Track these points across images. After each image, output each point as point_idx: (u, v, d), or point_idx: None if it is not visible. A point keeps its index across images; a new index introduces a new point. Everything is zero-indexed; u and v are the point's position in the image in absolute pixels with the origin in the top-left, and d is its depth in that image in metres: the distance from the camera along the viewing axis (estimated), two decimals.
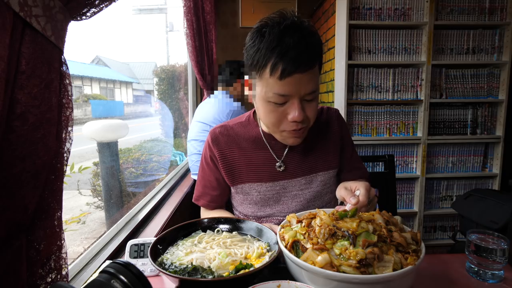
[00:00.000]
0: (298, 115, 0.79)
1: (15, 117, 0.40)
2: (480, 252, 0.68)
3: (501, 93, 2.14)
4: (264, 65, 0.77)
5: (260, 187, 0.96)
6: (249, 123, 1.00)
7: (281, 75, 0.75)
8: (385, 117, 2.17)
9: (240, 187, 0.97)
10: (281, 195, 0.96)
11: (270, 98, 0.79)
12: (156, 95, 3.64)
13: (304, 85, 0.78)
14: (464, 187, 2.25)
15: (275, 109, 0.81)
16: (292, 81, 0.76)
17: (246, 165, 0.96)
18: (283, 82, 0.76)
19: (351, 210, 0.66)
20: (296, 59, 0.74)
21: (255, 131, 0.98)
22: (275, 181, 0.95)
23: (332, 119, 1.02)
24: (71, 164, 1.69)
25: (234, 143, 0.97)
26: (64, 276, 0.51)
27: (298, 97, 0.79)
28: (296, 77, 0.76)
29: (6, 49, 0.37)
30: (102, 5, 0.50)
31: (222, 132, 0.99)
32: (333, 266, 0.54)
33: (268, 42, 0.76)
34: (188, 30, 2.14)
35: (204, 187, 1.02)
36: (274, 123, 0.84)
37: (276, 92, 0.78)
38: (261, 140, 0.97)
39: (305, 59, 0.75)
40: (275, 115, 0.82)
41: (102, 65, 8.92)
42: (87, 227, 2.13)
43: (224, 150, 0.97)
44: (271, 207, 0.97)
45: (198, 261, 0.65)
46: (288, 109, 0.81)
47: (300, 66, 0.75)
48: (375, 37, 2.09)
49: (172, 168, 2.35)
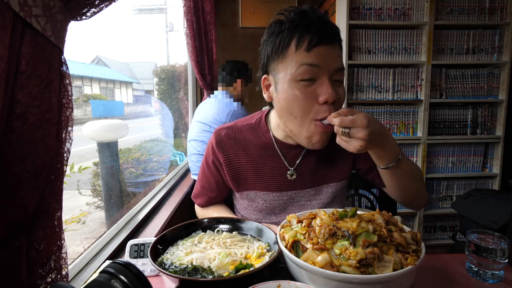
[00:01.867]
0: (332, 93, 0.72)
1: (15, 117, 0.40)
2: (480, 252, 0.68)
3: (501, 93, 2.14)
4: (288, 43, 0.74)
5: (267, 196, 0.91)
6: (260, 127, 0.93)
7: (308, 45, 0.72)
8: (385, 117, 2.17)
9: (246, 193, 0.93)
10: (288, 205, 0.93)
11: (298, 74, 0.74)
12: (156, 95, 3.64)
13: (332, 59, 0.74)
14: (464, 187, 2.25)
15: (303, 91, 0.74)
16: (319, 52, 0.73)
17: (253, 173, 0.91)
18: (311, 54, 0.73)
19: (351, 210, 0.66)
20: (321, 30, 0.73)
21: (265, 136, 0.91)
22: (283, 191, 0.91)
23: None
24: (71, 164, 1.69)
25: (241, 148, 0.91)
26: (64, 276, 0.51)
27: (328, 73, 0.74)
28: (323, 49, 0.73)
29: (6, 49, 0.37)
30: (102, 5, 0.50)
31: (229, 134, 0.93)
32: (333, 266, 0.54)
33: (289, 23, 0.75)
34: (188, 30, 2.14)
35: (203, 188, 1.01)
36: (303, 108, 0.76)
37: (305, 62, 0.73)
38: (272, 147, 0.90)
39: (330, 31, 0.74)
40: (303, 99, 0.75)
41: (102, 65, 8.92)
42: (87, 227, 2.13)
43: (229, 155, 0.91)
44: (277, 215, 0.93)
45: (198, 261, 0.65)
46: (318, 89, 0.74)
47: (327, 37, 0.73)
48: (375, 37, 2.09)
49: (172, 168, 2.35)
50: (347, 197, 1.42)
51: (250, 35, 2.89)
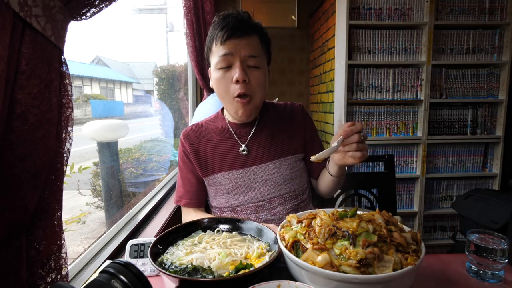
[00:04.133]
0: (240, 74, 0.90)
1: (15, 117, 0.40)
2: (480, 252, 0.68)
3: (501, 93, 2.14)
4: (212, 40, 0.95)
5: (231, 175, 1.01)
6: (217, 118, 1.10)
7: (221, 39, 0.91)
8: (385, 117, 2.17)
9: (212, 177, 1.03)
10: (252, 181, 1.01)
11: (218, 64, 0.92)
12: (156, 95, 3.64)
13: (243, 48, 0.91)
14: (464, 187, 2.25)
15: (223, 75, 0.93)
16: (231, 43, 0.91)
17: (216, 155, 1.03)
18: (224, 46, 0.91)
19: (351, 210, 0.66)
20: (233, 27, 0.91)
21: (222, 123, 1.07)
22: (245, 168, 1.01)
23: (295, 111, 1.11)
24: (71, 164, 1.69)
25: (204, 137, 1.06)
26: (64, 276, 0.51)
27: (239, 58, 0.91)
28: (234, 41, 0.91)
29: (6, 49, 0.37)
30: (102, 5, 0.50)
31: (193, 129, 1.08)
32: (333, 266, 0.54)
33: (214, 25, 0.95)
34: (188, 30, 2.14)
35: (184, 185, 1.08)
36: (224, 89, 0.94)
37: (220, 54, 0.91)
38: (228, 129, 1.05)
39: (242, 28, 0.91)
40: (224, 81, 0.93)
41: (102, 65, 8.90)
42: (87, 227, 2.13)
43: (195, 144, 1.05)
44: (244, 194, 1.01)
45: (198, 261, 0.65)
46: (233, 72, 0.92)
47: (236, 32, 0.90)
48: (375, 37, 2.09)
49: (172, 168, 2.35)
50: (347, 197, 1.42)
51: None
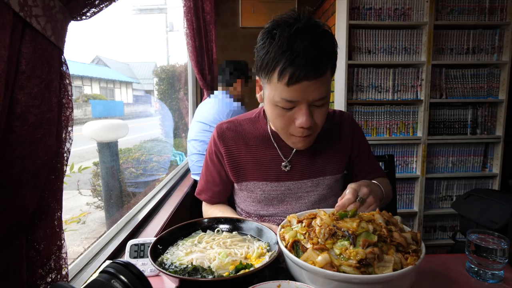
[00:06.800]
0: (306, 121, 0.78)
1: (15, 117, 0.40)
2: (480, 252, 0.68)
3: (501, 93, 2.14)
4: (273, 69, 0.75)
5: (265, 186, 0.95)
6: (258, 120, 0.98)
7: (288, 81, 0.73)
8: (385, 117, 2.17)
9: (245, 184, 0.97)
10: (286, 196, 0.96)
11: (278, 102, 0.78)
12: (156, 95, 3.64)
13: (313, 92, 0.75)
14: (464, 187, 2.25)
15: (282, 114, 0.80)
16: (299, 88, 0.74)
17: (252, 163, 0.95)
18: (290, 89, 0.74)
19: (351, 210, 0.66)
20: (305, 66, 0.71)
21: (263, 129, 0.97)
22: (281, 182, 0.95)
23: (344, 123, 1.00)
24: (71, 164, 1.69)
25: (241, 140, 0.96)
26: (64, 276, 0.51)
27: (306, 103, 0.77)
28: (304, 84, 0.73)
29: (6, 49, 0.37)
30: (102, 5, 0.50)
31: (230, 127, 0.97)
32: (333, 266, 0.54)
33: (277, 45, 0.73)
34: (188, 30, 2.14)
35: (207, 182, 1.03)
36: (282, 127, 0.83)
37: (284, 97, 0.76)
38: (269, 139, 0.95)
39: (315, 66, 0.73)
40: (282, 120, 0.81)
41: (102, 65, 8.90)
42: (87, 227, 2.13)
43: (230, 146, 0.96)
44: (275, 207, 0.97)
45: (198, 261, 0.65)
46: (296, 114, 0.79)
47: (309, 73, 0.72)
48: (375, 37, 2.09)
49: (172, 168, 2.35)
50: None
51: (250, 35, 2.89)
